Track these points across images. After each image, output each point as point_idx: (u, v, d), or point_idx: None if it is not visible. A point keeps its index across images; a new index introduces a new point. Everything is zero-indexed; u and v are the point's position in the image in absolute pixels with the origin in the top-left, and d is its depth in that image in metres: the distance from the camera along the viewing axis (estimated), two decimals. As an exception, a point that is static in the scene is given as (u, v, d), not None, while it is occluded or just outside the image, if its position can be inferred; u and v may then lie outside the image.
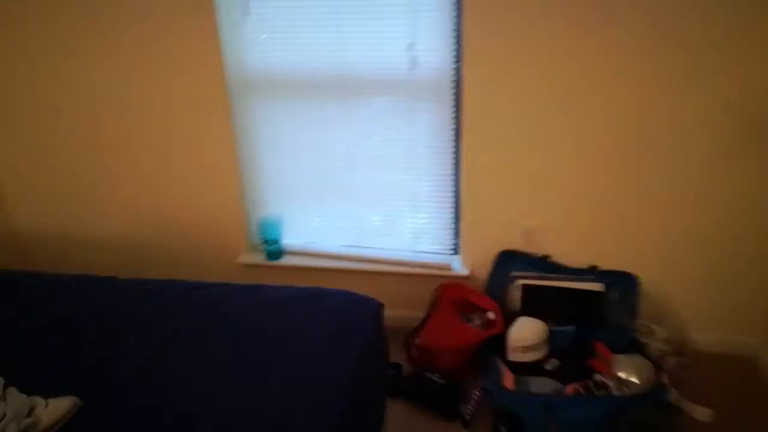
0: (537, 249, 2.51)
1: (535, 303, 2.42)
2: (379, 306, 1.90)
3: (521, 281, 2.43)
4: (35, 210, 2.95)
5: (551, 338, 2.29)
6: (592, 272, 2.46)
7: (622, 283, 2.40)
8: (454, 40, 2.31)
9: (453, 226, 2.61)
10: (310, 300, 1.90)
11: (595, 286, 2.39)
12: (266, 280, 2.74)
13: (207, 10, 2.40)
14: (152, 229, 2.85)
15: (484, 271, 2.55)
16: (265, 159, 2.67)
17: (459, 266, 2.60)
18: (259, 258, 2.74)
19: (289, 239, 2.77)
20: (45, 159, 2.83)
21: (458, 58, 2.33)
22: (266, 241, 2.69)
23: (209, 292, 1.99)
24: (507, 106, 2.33)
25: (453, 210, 2.58)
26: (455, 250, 2.65)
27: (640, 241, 2.42)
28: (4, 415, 1.37)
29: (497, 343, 2.26)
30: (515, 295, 2.44)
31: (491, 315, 2.35)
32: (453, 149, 2.48)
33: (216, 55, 2.46)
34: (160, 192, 2.77)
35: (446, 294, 2.40)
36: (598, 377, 2.10)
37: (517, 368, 2.20)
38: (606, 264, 2.46)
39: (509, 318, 2.33)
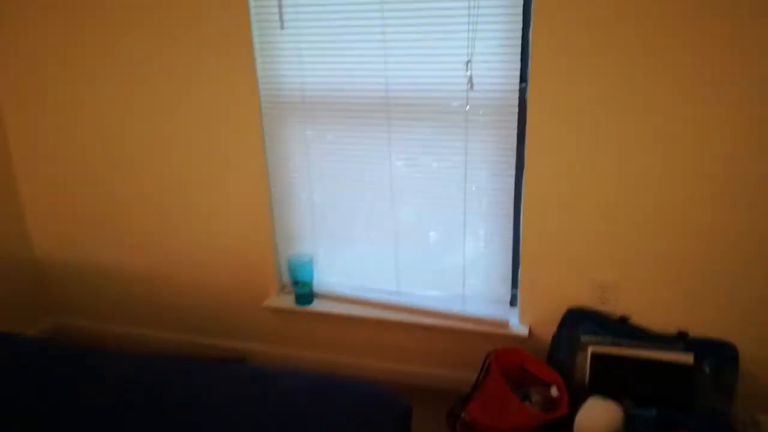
0: (613, 308, 2.10)
1: (609, 377, 2.02)
2: (407, 409, 1.56)
3: (592, 348, 2.04)
4: (56, 239, 2.78)
5: (628, 423, 1.90)
6: (680, 340, 2.04)
7: (718, 354, 1.99)
8: (519, 58, 1.95)
9: (511, 274, 2.23)
10: (322, 401, 1.56)
11: (684, 358, 1.98)
12: (294, 328, 2.53)
13: (243, 26, 2.15)
14: (175, 263, 2.61)
15: (546, 332, 2.17)
16: (298, 190, 2.37)
17: (516, 323, 2.22)
18: (288, 302, 2.44)
19: (322, 280, 2.47)
20: (67, 188, 2.65)
21: (523, 79, 1.97)
22: (296, 283, 2.39)
23: (202, 380, 1.66)
24: (582, 134, 1.94)
25: (511, 255, 2.20)
26: (512, 303, 2.27)
27: (741, 304, 1.98)
28: None
29: (560, 426, 1.90)
30: (584, 366, 2.05)
31: (554, 391, 1.97)
32: (514, 184, 2.12)
33: (249, 74, 2.21)
34: (184, 225, 2.53)
35: (500, 360, 2.03)
36: (686, 482, 1.72)
37: (584, 462, 1.84)
38: (698, 330, 2.04)
39: (575, 394, 1.96)
